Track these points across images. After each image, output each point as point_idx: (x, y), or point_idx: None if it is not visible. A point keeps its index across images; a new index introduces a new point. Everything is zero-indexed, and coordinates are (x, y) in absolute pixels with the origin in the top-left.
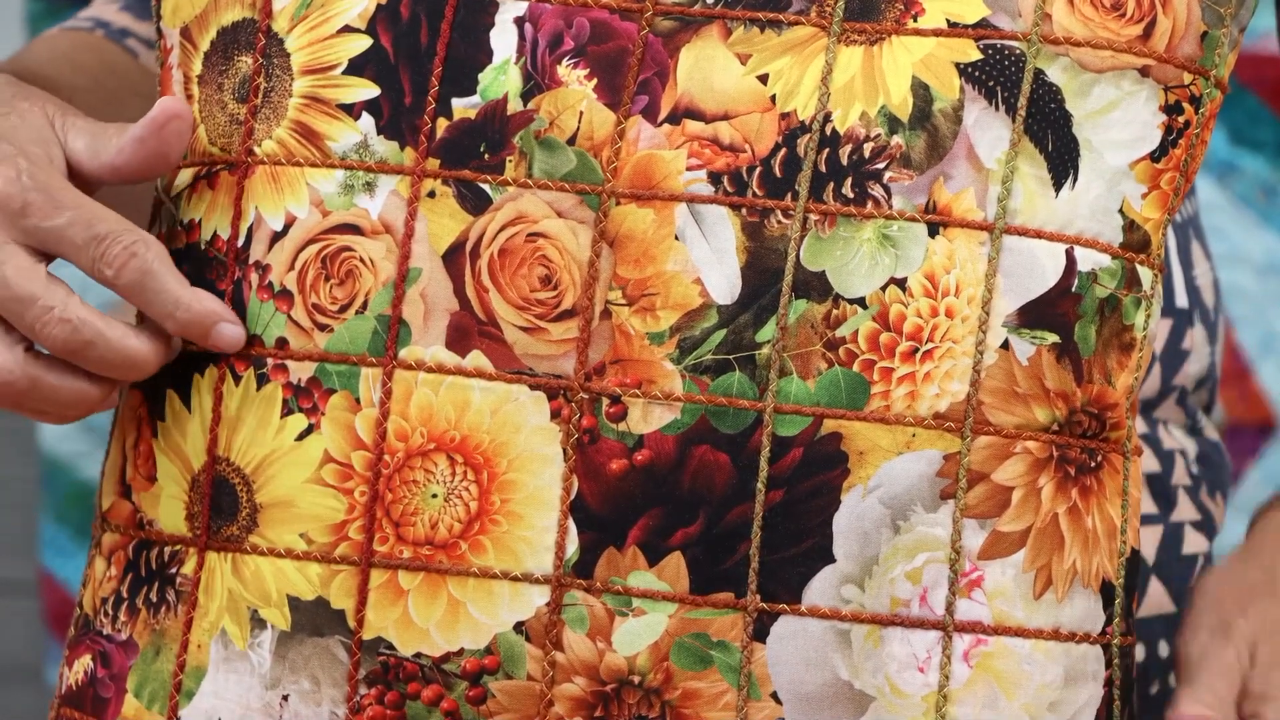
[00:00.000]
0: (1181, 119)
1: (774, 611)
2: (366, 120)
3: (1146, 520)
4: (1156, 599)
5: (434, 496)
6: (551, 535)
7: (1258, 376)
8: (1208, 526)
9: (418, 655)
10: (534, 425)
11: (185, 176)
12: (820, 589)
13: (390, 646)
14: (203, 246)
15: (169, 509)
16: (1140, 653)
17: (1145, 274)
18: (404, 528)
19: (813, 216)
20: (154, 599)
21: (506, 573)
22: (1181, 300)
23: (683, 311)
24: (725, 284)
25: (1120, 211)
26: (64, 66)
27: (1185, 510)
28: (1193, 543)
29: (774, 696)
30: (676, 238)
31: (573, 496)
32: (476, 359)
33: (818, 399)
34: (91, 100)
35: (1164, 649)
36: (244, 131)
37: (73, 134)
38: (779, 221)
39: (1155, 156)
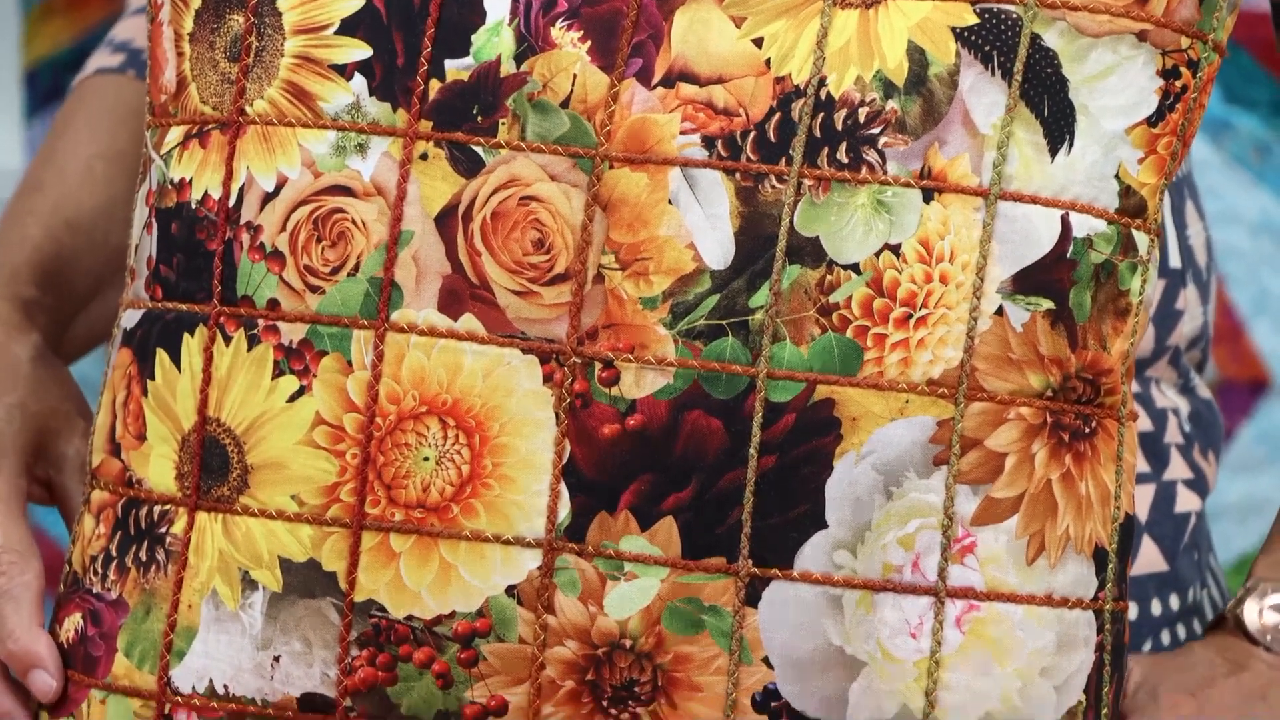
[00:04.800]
0: (1179, 83)
1: (766, 577)
2: (359, 81)
3: (1139, 479)
4: (1149, 557)
5: (426, 459)
6: (543, 499)
7: (1250, 335)
8: (1200, 485)
9: (409, 618)
10: (526, 389)
11: (176, 134)
12: (812, 554)
13: (382, 609)
14: (193, 205)
15: (158, 468)
16: (1133, 611)
17: (1141, 239)
18: (396, 490)
19: (807, 182)
20: (143, 558)
21: (498, 536)
22: (1175, 260)
23: (676, 276)
24: (718, 249)
25: (1116, 177)
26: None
27: (1178, 469)
28: (1185, 501)
29: (765, 661)
30: (670, 202)
31: (565, 461)
32: (469, 322)
33: (811, 365)
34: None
35: (1156, 607)
36: (235, 91)
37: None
38: (773, 186)
39: (1152, 121)
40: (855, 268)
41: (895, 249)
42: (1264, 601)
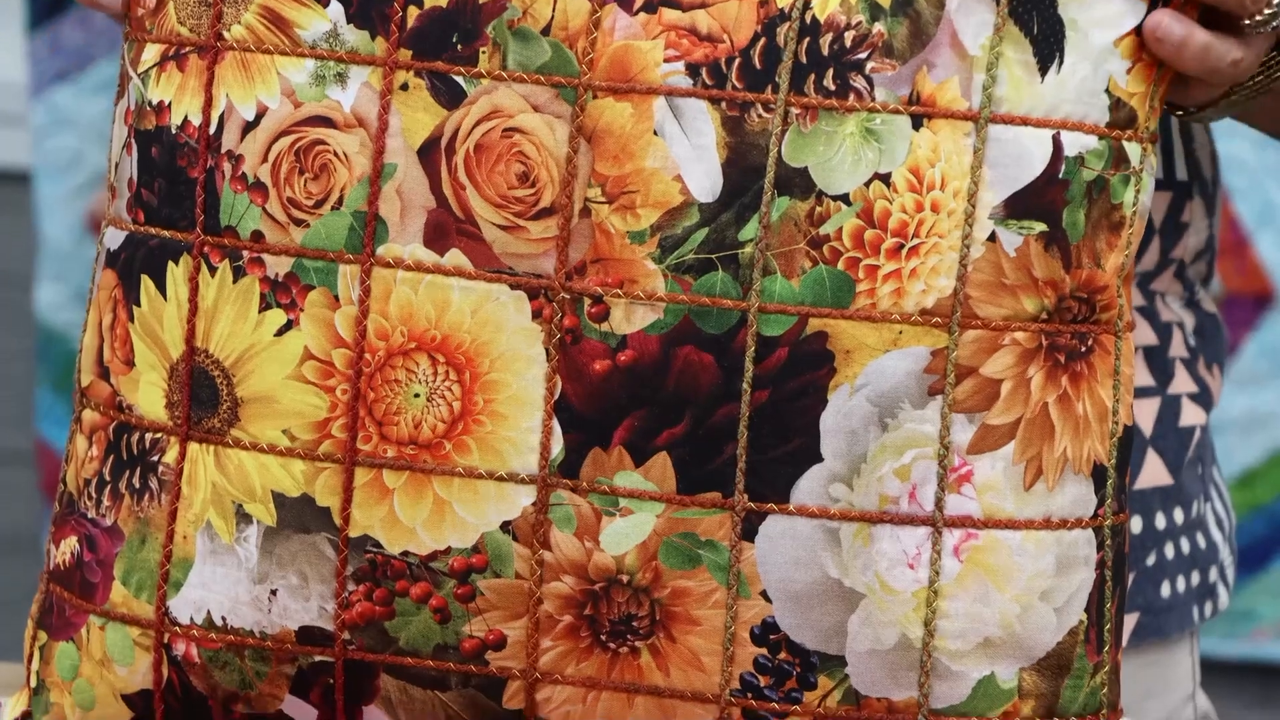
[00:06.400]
0: None
1: (762, 511)
2: (335, 8)
3: (1143, 393)
4: (1153, 471)
5: (416, 396)
6: (536, 436)
7: (1255, 248)
8: (1205, 398)
9: (405, 553)
10: (515, 325)
11: (152, 53)
12: (808, 488)
13: (377, 544)
14: (173, 131)
15: (148, 395)
16: (1137, 525)
17: (1133, 150)
18: (387, 427)
19: (794, 110)
20: (137, 485)
21: (491, 473)
22: (1181, 173)
23: (663, 210)
24: (706, 181)
25: (1106, 91)
26: None
27: (1182, 382)
28: (1190, 415)
29: (763, 595)
30: (655, 133)
31: (556, 397)
32: (455, 257)
33: (802, 298)
34: None
35: (1161, 521)
36: (213, 14)
37: None
38: (760, 116)
39: (1140, 29)
40: (845, 198)
41: (885, 178)
42: None
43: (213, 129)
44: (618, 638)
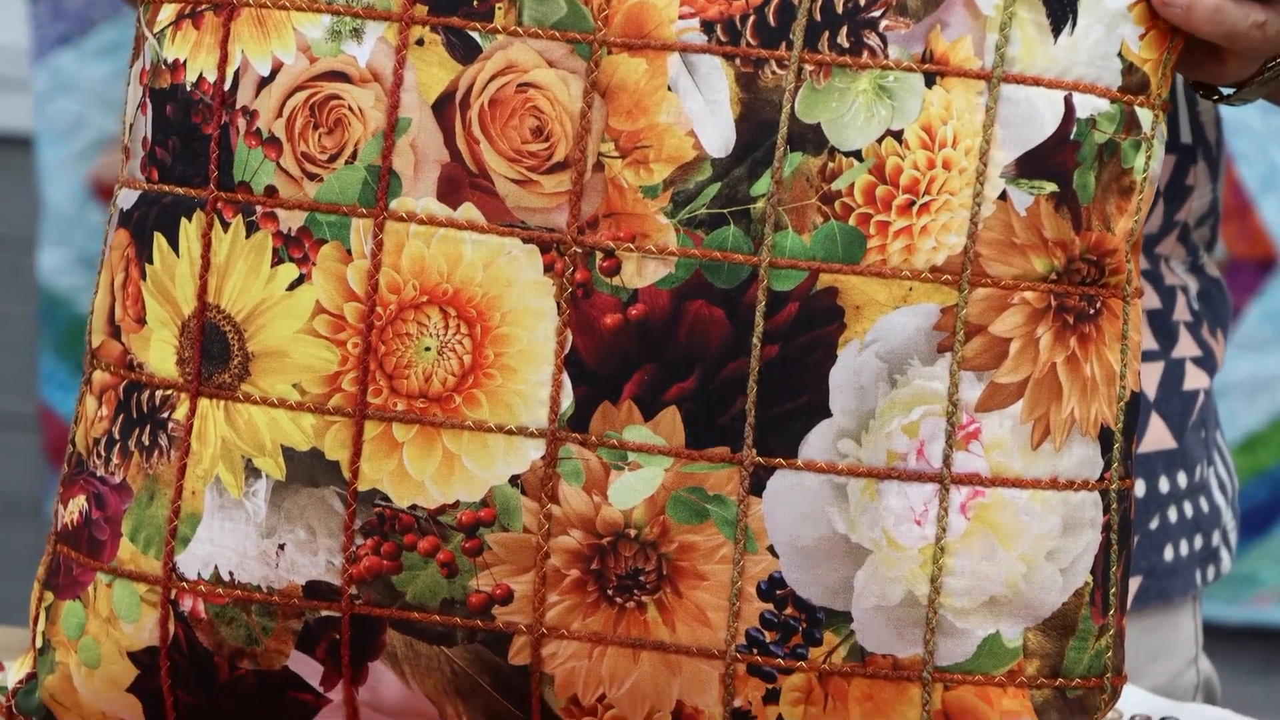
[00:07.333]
0: None
1: (770, 466)
2: None
3: (1147, 356)
4: (1157, 435)
5: (427, 350)
6: (546, 389)
7: (1259, 212)
8: (1208, 362)
9: (413, 507)
10: (527, 279)
11: (168, 13)
12: (817, 443)
13: (386, 498)
14: (188, 88)
15: (159, 352)
16: (1140, 488)
17: (1145, 115)
18: (397, 380)
19: (808, 67)
20: (146, 442)
21: (501, 426)
22: (1185, 136)
23: (676, 164)
24: (719, 136)
25: (1119, 55)
26: None
27: (1186, 346)
28: (1193, 379)
29: (770, 550)
30: (669, 89)
31: (567, 351)
32: (468, 211)
33: (813, 253)
34: None
35: (1164, 484)
36: None
37: None
38: (773, 72)
39: None
40: (857, 154)
41: (897, 135)
42: None
43: (228, 85)
44: (624, 593)
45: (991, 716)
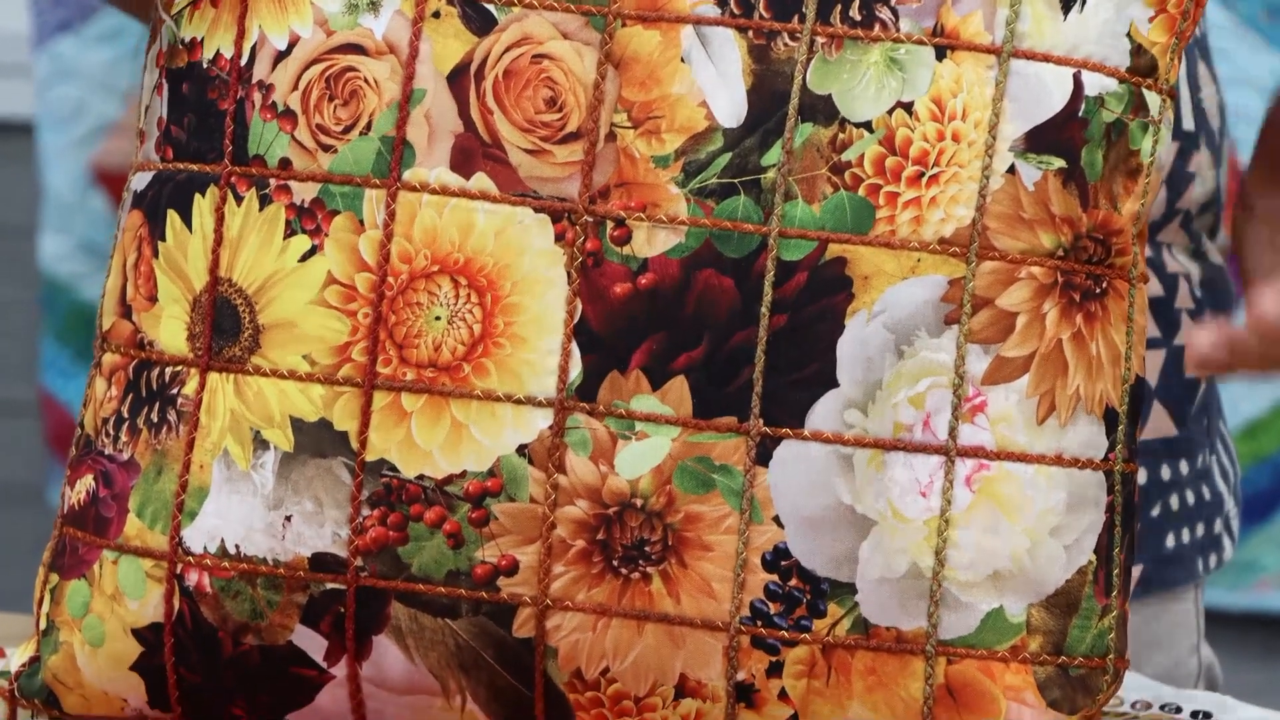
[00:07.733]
0: None
1: (777, 436)
2: None
3: (1149, 344)
4: (1158, 422)
5: (437, 319)
6: (555, 358)
7: None
8: None
9: (420, 477)
10: (538, 248)
11: None
12: (823, 414)
13: (393, 468)
14: (204, 65)
15: (170, 329)
16: (1142, 476)
17: (1153, 99)
18: (407, 350)
19: (820, 39)
20: (155, 419)
21: (509, 395)
22: (1188, 123)
23: (688, 135)
24: (731, 107)
25: (1128, 35)
26: None
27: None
28: None
29: (776, 520)
30: (682, 60)
31: (576, 320)
32: (481, 181)
33: (823, 223)
34: None
35: (1165, 472)
36: None
37: None
38: (785, 44)
39: None
40: (868, 126)
41: (908, 107)
42: None
43: (244, 60)
44: (630, 563)
45: (994, 691)
